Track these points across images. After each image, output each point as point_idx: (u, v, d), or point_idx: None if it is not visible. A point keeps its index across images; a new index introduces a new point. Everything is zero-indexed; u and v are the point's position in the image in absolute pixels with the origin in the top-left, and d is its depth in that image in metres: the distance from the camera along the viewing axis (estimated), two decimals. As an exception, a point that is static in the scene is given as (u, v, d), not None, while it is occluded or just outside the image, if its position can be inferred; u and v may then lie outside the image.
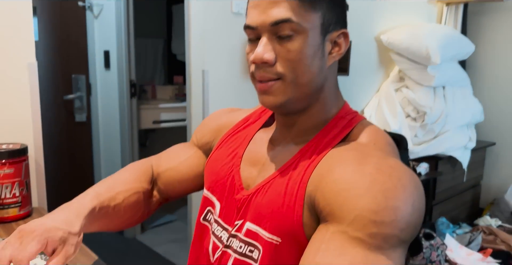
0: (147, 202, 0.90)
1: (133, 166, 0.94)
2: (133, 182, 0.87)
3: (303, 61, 0.66)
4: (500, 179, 3.28)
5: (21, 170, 1.23)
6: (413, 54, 2.62)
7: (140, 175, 0.90)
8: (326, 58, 0.69)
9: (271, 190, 0.70)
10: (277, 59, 0.67)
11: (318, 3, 0.66)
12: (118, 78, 2.70)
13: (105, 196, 0.80)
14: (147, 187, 0.90)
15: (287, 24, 0.65)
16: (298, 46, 0.66)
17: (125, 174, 0.89)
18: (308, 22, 0.65)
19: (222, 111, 0.97)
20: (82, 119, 2.82)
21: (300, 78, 0.67)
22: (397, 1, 2.86)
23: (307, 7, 0.65)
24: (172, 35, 3.94)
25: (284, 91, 0.68)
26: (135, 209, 0.87)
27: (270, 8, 0.65)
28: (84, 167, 2.90)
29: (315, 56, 0.67)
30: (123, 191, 0.84)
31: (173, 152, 0.97)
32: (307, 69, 0.67)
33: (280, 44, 0.66)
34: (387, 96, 2.74)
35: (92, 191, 0.81)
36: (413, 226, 0.58)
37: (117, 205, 0.82)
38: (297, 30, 0.65)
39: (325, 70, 0.70)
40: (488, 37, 3.26)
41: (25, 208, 1.25)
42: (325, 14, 0.67)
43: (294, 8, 0.65)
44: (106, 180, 0.87)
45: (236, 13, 1.96)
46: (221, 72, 1.97)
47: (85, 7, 2.68)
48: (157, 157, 0.97)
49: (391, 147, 0.71)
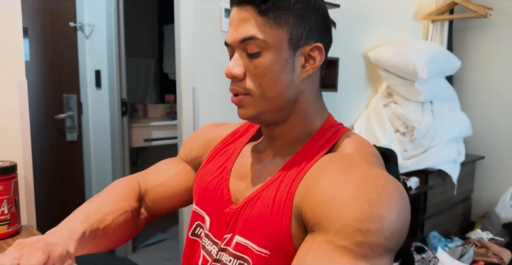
0: (135, 220, 0.90)
1: (120, 183, 0.93)
2: (121, 201, 0.86)
3: (269, 76, 0.69)
4: (490, 192, 3.30)
5: (10, 188, 1.22)
6: (400, 70, 2.66)
7: (128, 193, 0.89)
8: (298, 72, 0.71)
9: (259, 203, 0.71)
10: (246, 74, 0.71)
11: (283, 20, 0.68)
12: (110, 97, 2.71)
13: (95, 218, 0.79)
14: (135, 205, 0.89)
15: (253, 41, 0.68)
16: (264, 62, 0.69)
17: (113, 192, 0.88)
18: (273, 38, 0.68)
19: (209, 126, 0.98)
20: (73, 138, 2.81)
21: (268, 92, 0.70)
22: (384, 19, 2.92)
23: (272, 24, 0.68)
24: (163, 54, 3.98)
25: (254, 104, 0.72)
26: (124, 228, 0.86)
27: (239, 26, 0.69)
28: (75, 186, 2.88)
29: (282, 71, 0.70)
30: (111, 211, 0.83)
31: (161, 167, 0.97)
32: (274, 83, 0.70)
33: (249, 60, 0.70)
34: (376, 112, 2.77)
35: (81, 213, 0.80)
36: (398, 234, 0.59)
37: (106, 227, 0.81)
38: (263, 47, 0.68)
39: (297, 83, 0.72)
40: (474, 52, 3.33)
41: (13, 226, 1.24)
42: (292, 30, 0.69)
43: (259, 25, 0.68)
44: (94, 200, 0.86)
45: (225, 31, 2.00)
46: (211, 89, 1.99)
47: (76, 27, 2.71)
48: (144, 173, 0.97)
49: (375, 158, 0.72)
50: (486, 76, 3.30)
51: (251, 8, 0.68)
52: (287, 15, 0.68)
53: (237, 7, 0.70)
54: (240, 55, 0.71)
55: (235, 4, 0.70)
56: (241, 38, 0.69)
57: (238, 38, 0.69)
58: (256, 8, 0.68)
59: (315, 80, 0.75)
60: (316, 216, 0.61)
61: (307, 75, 0.72)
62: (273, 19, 0.68)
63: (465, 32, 3.36)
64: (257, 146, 0.83)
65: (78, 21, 2.70)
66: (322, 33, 0.73)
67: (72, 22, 2.68)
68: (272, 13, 0.67)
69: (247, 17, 0.68)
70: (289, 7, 0.68)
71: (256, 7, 0.68)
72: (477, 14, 3.02)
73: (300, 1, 0.68)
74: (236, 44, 0.70)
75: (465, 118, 3.03)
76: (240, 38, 0.69)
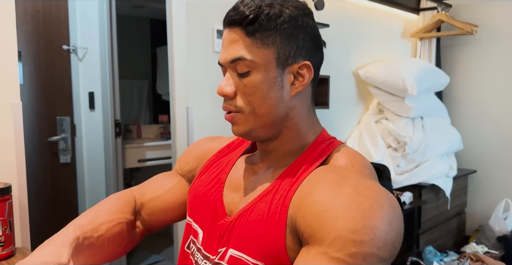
0: (130, 233, 0.89)
1: (115, 197, 0.92)
2: (115, 213, 0.86)
3: (258, 94, 0.72)
4: (484, 206, 3.32)
5: (4, 209, 1.22)
6: (390, 87, 2.71)
7: (123, 206, 0.88)
8: (287, 89, 0.73)
9: (253, 215, 0.71)
10: (237, 93, 0.73)
11: (270, 40, 0.71)
12: (103, 118, 2.72)
13: (88, 227, 0.79)
14: (130, 217, 0.89)
15: (242, 62, 0.71)
16: (253, 81, 0.72)
17: (107, 205, 0.88)
18: (261, 58, 0.71)
19: (205, 139, 1.00)
20: (67, 160, 2.81)
21: (257, 109, 0.73)
22: (373, 38, 2.98)
23: (259, 44, 0.71)
24: (156, 76, 4.02)
25: (245, 121, 0.74)
26: (119, 240, 0.85)
27: (229, 47, 0.73)
28: (69, 208, 2.86)
29: (271, 89, 0.72)
30: (106, 222, 0.83)
31: (157, 181, 0.97)
32: (263, 101, 0.72)
33: (240, 79, 0.73)
34: (368, 128, 2.81)
35: (74, 223, 0.80)
36: (391, 244, 0.60)
37: (100, 236, 0.80)
38: (251, 66, 0.71)
39: (286, 100, 0.74)
40: (462, 68, 3.40)
41: (8, 248, 1.23)
42: (279, 49, 0.71)
43: (247, 46, 0.71)
44: (88, 212, 0.85)
45: (218, 52, 2.03)
46: (205, 108, 2.01)
47: (69, 50, 2.73)
48: (140, 187, 0.97)
49: (368, 169, 0.74)
50: (475, 91, 3.36)
51: (239, 30, 0.71)
52: (274, 35, 0.70)
53: (228, 29, 0.73)
54: (231, 74, 0.74)
55: (226, 25, 0.74)
56: (231, 58, 0.72)
57: (228, 59, 0.72)
58: (244, 29, 0.71)
59: (306, 96, 0.77)
60: (310, 228, 0.62)
61: (297, 92, 0.74)
62: (260, 39, 0.70)
63: (453, 48, 3.43)
64: (251, 159, 0.84)
65: (71, 44, 2.73)
66: (312, 51, 0.75)
67: (66, 45, 2.70)
68: (259, 34, 0.70)
69: (236, 38, 0.72)
70: (276, 27, 0.70)
71: (244, 29, 0.70)
72: (463, 31, 3.09)
73: (287, 21, 0.71)
74: (227, 64, 0.73)
75: (456, 133, 3.07)
76: (230, 59, 0.72)
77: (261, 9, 0.70)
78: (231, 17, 0.72)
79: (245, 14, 0.70)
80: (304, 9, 0.74)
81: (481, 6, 3.26)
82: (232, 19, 0.72)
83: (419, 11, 3.32)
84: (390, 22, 3.14)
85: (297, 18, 0.72)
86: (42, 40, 2.61)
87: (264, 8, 0.70)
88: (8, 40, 1.34)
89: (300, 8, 0.73)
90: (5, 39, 1.34)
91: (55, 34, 2.67)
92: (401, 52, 3.27)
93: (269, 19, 0.70)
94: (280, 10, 0.70)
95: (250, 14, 0.70)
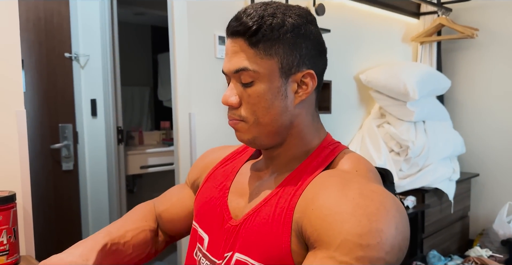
0: (154, 240, 0.95)
1: (140, 207, 1.00)
2: (140, 221, 0.94)
3: (262, 104, 0.72)
4: (487, 210, 3.30)
5: (9, 218, 1.22)
6: (391, 91, 2.71)
7: (146, 214, 0.96)
8: (291, 98, 0.74)
9: (259, 219, 0.72)
10: (241, 103, 0.74)
11: (273, 50, 0.71)
12: (105, 125, 2.73)
13: (116, 234, 0.86)
14: (154, 225, 0.96)
15: (245, 72, 0.71)
16: (257, 91, 0.72)
17: (133, 214, 0.97)
18: (264, 68, 0.71)
19: (213, 150, 1.01)
20: (69, 168, 2.81)
21: (261, 119, 0.73)
22: (373, 42, 2.99)
23: (262, 55, 0.71)
24: (158, 82, 4.03)
25: (248, 130, 0.75)
26: (143, 246, 0.91)
27: (232, 57, 0.73)
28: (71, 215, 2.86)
29: (275, 99, 0.72)
30: (131, 229, 0.90)
31: (170, 192, 1.02)
32: (268, 110, 0.72)
33: (244, 89, 0.73)
34: (370, 132, 2.81)
35: (104, 230, 0.87)
36: (398, 248, 0.60)
37: (126, 242, 0.87)
38: (255, 77, 0.71)
39: (290, 109, 0.74)
40: (463, 72, 3.40)
41: (12, 256, 1.23)
42: (282, 59, 0.71)
43: (250, 57, 0.71)
44: (117, 221, 0.94)
45: (220, 58, 2.04)
46: (207, 114, 2.02)
47: (71, 58, 2.74)
48: (159, 198, 1.03)
49: (372, 174, 0.74)
50: (476, 94, 3.36)
51: (242, 40, 0.71)
52: (277, 46, 0.71)
53: (231, 39, 0.73)
54: (235, 84, 0.74)
55: (229, 36, 0.74)
56: (235, 69, 0.72)
57: (232, 69, 0.73)
58: (247, 40, 0.71)
59: (310, 104, 0.77)
60: (317, 232, 0.62)
61: (301, 100, 0.74)
62: (263, 50, 0.71)
63: (454, 52, 3.44)
64: (256, 164, 0.85)
65: (73, 52, 2.74)
66: (315, 58, 0.75)
67: (68, 52, 2.71)
68: (262, 45, 0.70)
69: (239, 49, 0.72)
70: (279, 37, 0.70)
71: (247, 40, 0.71)
72: (464, 35, 3.10)
73: (290, 30, 0.71)
74: (231, 74, 0.74)
75: (458, 136, 3.07)
76: (234, 69, 0.73)
77: (264, 20, 0.70)
78: (234, 28, 0.72)
79: (248, 25, 0.70)
80: (307, 16, 0.74)
81: (481, 10, 3.27)
82: (235, 30, 0.72)
83: (420, 15, 3.33)
84: (390, 26, 3.15)
85: (300, 26, 0.72)
86: (44, 48, 2.63)
87: (267, 18, 0.70)
88: (12, 49, 1.35)
89: (303, 16, 0.73)
90: (9, 48, 1.35)
91: (57, 42, 2.68)
92: (402, 57, 3.28)
93: (272, 29, 0.70)
94: (282, 20, 0.70)
95: (253, 25, 0.69)
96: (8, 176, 1.36)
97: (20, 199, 1.36)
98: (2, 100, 1.34)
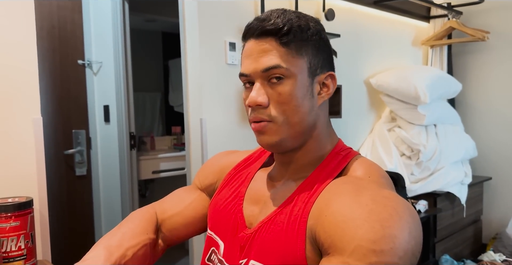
0: (152, 252, 0.90)
1: (138, 215, 0.93)
2: (140, 234, 0.87)
3: (293, 102, 0.73)
4: (500, 213, 3.27)
5: (26, 223, 1.25)
6: (402, 95, 2.71)
7: (147, 226, 0.90)
8: (315, 98, 0.76)
9: (273, 227, 0.72)
10: (269, 102, 0.74)
11: (303, 50, 0.74)
12: (118, 131, 2.76)
13: (116, 255, 0.80)
14: (153, 237, 0.90)
15: (277, 70, 0.72)
16: (288, 89, 0.73)
17: (132, 226, 0.89)
18: (295, 67, 0.73)
19: (223, 153, 1.01)
20: (82, 173, 2.84)
21: (291, 118, 0.73)
22: (383, 46, 2.99)
23: (294, 54, 0.73)
24: (169, 88, 4.06)
25: (277, 131, 0.74)
26: (142, 261, 0.87)
27: (261, 57, 0.73)
28: (84, 220, 2.89)
29: (304, 97, 0.74)
30: (132, 246, 0.84)
31: (177, 196, 0.99)
32: (298, 109, 0.73)
33: (272, 88, 0.73)
34: (381, 136, 2.80)
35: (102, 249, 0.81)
36: (411, 253, 0.60)
37: (126, 262, 0.82)
38: (286, 75, 0.72)
39: (315, 109, 0.76)
40: (474, 75, 3.38)
41: (30, 261, 1.25)
42: (311, 59, 0.74)
43: (282, 55, 0.72)
44: (115, 233, 0.87)
45: (230, 64, 2.06)
46: (218, 120, 2.04)
47: (84, 65, 2.78)
48: (160, 203, 0.98)
49: (385, 180, 0.74)
50: (488, 97, 3.34)
51: (272, 40, 0.73)
52: (306, 46, 0.74)
53: (256, 40, 0.74)
54: (262, 84, 0.74)
55: (255, 36, 0.74)
56: (265, 67, 0.72)
57: (261, 68, 0.73)
58: (278, 40, 0.72)
59: (326, 107, 0.80)
60: (330, 238, 0.62)
61: (323, 101, 0.77)
62: (295, 49, 0.73)
63: (465, 55, 3.42)
64: (270, 172, 0.86)
65: (86, 59, 2.78)
66: (332, 63, 0.79)
67: (81, 59, 2.75)
68: (293, 44, 0.73)
69: (269, 48, 0.73)
70: (308, 38, 0.74)
71: (278, 39, 0.72)
72: (474, 38, 3.08)
73: (315, 33, 0.75)
74: (258, 74, 0.73)
75: (469, 140, 3.05)
76: (263, 68, 0.72)
77: (292, 21, 0.73)
78: (263, 28, 0.73)
79: (279, 25, 0.72)
80: (321, 25, 0.79)
81: (493, 12, 3.25)
82: (267, 29, 0.72)
83: (430, 18, 3.33)
84: (400, 30, 3.15)
85: (320, 32, 0.76)
86: (57, 55, 2.67)
87: (294, 20, 0.73)
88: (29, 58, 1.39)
89: (319, 23, 0.78)
90: (26, 58, 1.38)
91: (71, 49, 2.72)
92: (412, 60, 3.27)
93: (302, 30, 0.73)
94: (306, 23, 0.74)
95: (284, 25, 0.72)
96: (25, 182, 1.38)
97: (36, 204, 1.38)
98: (19, 107, 1.37)
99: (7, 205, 1.21)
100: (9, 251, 1.21)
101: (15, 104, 1.37)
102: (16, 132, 1.37)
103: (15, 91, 1.37)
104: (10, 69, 1.36)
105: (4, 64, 1.35)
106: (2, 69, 1.35)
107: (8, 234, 1.21)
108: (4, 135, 1.35)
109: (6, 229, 1.20)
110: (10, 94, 1.36)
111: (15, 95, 1.37)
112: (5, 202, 1.23)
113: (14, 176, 1.37)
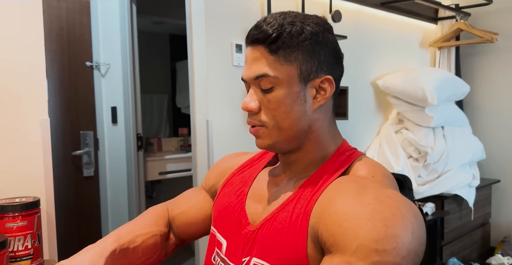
0: (164, 244, 0.95)
1: (151, 210, 1.00)
2: (151, 225, 0.93)
3: (282, 108, 0.74)
4: (509, 216, 3.24)
5: (33, 223, 1.26)
6: (409, 97, 2.69)
7: (158, 219, 0.96)
8: (310, 103, 0.76)
9: (276, 224, 0.73)
10: (261, 108, 0.76)
11: (292, 57, 0.73)
12: (125, 133, 2.78)
13: (125, 239, 0.86)
14: (165, 230, 0.95)
15: (265, 78, 0.74)
16: (276, 96, 0.74)
17: (144, 218, 0.95)
18: (284, 74, 0.73)
19: (229, 156, 1.03)
20: (90, 174, 2.86)
21: (281, 123, 0.75)
22: (391, 48, 2.98)
23: (282, 61, 0.73)
24: (176, 90, 4.08)
25: (269, 135, 0.77)
26: (153, 251, 0.91)
27: (252, 64, 0.75)
28: (91, 220, 2.91)
29: (294, 103, 0.74)
30: (142, 234, 0.89)
31: (185, 196, 1.03)
32: (287, 115, 0.75)
33: (264, 94, 0.75)
34: (388, 138, 2.79)
35: (113, 234, 0.86)
36: (414, 253, 0.60)
37: (136, 247, 0.87)
38: (275, 82, 0.74)
39: (309, 114, 0.76)
40: (482, 77, 3.36)
41: (37, 261, 1.27)
42: (301, 65, 0.74)
43: (270, 63, 0.73)
44: (127, 224, 0.93)
45: (237, 66, 2.07)
46: (225, 121, 2.04)
47: (92, 66, 2.81)
48: (172, 201, 1.03)
49: (388, 179, 0.74)
50: (496, 99, 3.31)
51: (262, 48, 0.74)
52: (296, 52, 0.73)
53: (251, 47, 0.76)
54: (255, 90, 0.76)
55: (249, 44, 0.76)
56: (255, 75, 0.75)
57: (252, 76, 0.75)
58: (267, 47, 0.73)
59: (327, 109, 0.79)
60: (333, 237, 0.62)
61: (319, 105, 0.76)
62: (283, 56, 0.73)
63: (473, 57, 3.40)
64: (273, 171, 0.86)
65: (94, 61, 2.80)
66: (332, 65, 0.77)
67: (89, 61, 2.78)
68: (281, 51, 0.73)
69: (259, 56, 0.74)
70: (298, 44, 0.73)
71: (267, 47, 0.73)
72: (483, 39, 3.06)
73: (309, 38, 0.73)
74: (251, 81, 0.76)
75: (477, 142, 3.03)
76: (254, 76, 0.75)
77: (283, 27, 0.72)
78: (254, 36, 0.74)
79: (268, 32, 0.72)
80: (324, 25, 0.77)
81: (501, 13, 3.23)
82: (256, 37, 0.74)
83: (437, 20, 3.31)
84: (408, 32, 3.13)
85: (318, 34, 0.74)
86: (66, 57, 2.69)
87: (286, 26, 0.72)
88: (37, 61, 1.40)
89: (321, 24, 0.76)
90: (35, 60, 1.40)
91: (79, 51, 2.74)
92: (420, 62, 3.26)
93: (291, 36, 0.72)
94: (301, 28, 0.73)
95: (273, 32, 0.72)
96: (33, 182, 1.40)
97: (43, 204, 1.40)
98: (27, 109, 1.39)
99: (15, 205, 1.22)
100: (16, 250, 1.22)
101: (23, 105, 1.38)
102: (24, 133, 1.38)
103: (23, 92, 1.38)
104: (18, 71, 1.38)
105: (12, 66, 1.36)
106: (11, 70, 1.36)
107: (15, 234, 1.22)
108: (12, 135, 1.37)
109: (13, 228, 1.22)
110: (18, 95, 1.38)
111: (23, 96, 1.38)
112: (12, 202, 1.24)
113: (22, 176, 1.38)
